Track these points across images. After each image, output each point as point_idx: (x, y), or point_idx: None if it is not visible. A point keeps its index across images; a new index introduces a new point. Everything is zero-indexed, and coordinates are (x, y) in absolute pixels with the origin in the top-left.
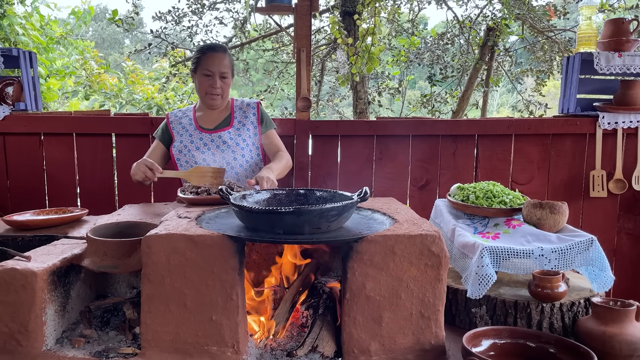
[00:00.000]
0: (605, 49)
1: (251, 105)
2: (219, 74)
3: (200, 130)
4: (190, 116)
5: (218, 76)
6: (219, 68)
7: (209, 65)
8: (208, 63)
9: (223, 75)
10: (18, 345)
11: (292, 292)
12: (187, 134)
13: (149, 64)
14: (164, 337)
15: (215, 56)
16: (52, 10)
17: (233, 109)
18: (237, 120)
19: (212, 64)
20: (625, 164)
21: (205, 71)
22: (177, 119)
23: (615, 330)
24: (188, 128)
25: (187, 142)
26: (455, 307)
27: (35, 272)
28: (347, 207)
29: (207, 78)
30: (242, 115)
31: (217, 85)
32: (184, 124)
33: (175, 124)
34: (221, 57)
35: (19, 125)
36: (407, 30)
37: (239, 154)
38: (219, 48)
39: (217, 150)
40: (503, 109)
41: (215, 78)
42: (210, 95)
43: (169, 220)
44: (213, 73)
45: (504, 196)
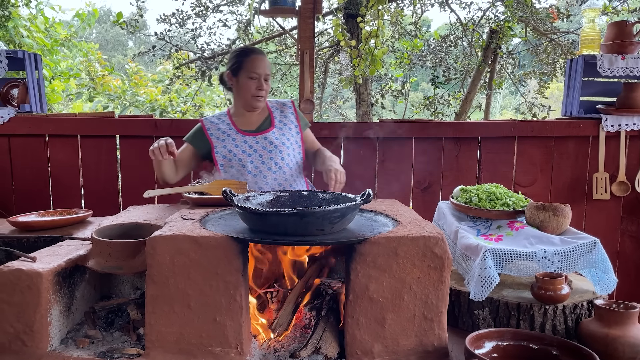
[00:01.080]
0: (609, 51)
1: (287, 105)
2: (264, 76)
3: (242, 133)
4: (227, 121)
5: (263, 78)
6: (264, 70)
7: (256, 68)
8: (254, 66)
9: (266, 78)
10: (23, 346)
11: (295, 294)
12: (229, 139)
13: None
14: (168, 337)
15: (260, 59)
16: (56, 13)
17: (270, 110)
18: (277, 120)
19: (259, 66)
20: (629, 167)
21: (251, 74)
22: (214, 124)
23: (618, 332)
24: (229, 133)
25: (232, 146)
26: (458, 309)
27: (40, 272)
28: (350, 208)
29: (253, 81)
30: (282, 115)
31: (263, 87)
32: (223, 129)
33: (213, 130)
34: (264, 60)
35: (24, 127)
36: (410, 33)
37: (285, 153)
38: (260, 51)
39: (264, 151)
40: (506, 111)
41: (262, 80)
42: (256, 97)
43: (173, 222)
44: (259, 75)
45: (507, 198)
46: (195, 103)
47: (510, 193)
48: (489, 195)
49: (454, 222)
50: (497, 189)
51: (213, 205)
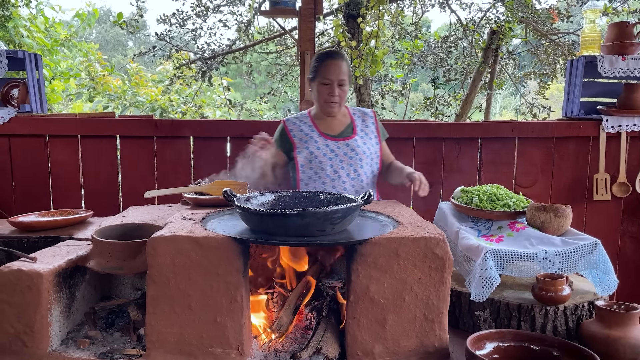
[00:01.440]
0: (609, 52)
1: (369, 115)
2: (337, 81)
3: (325, 137)
4: (308, 123)
5: (336, 84)
6: (337, 76)
7: (328, 74)
8: (327, 71)
9: (341, 83)
10: (24, 346)
11: (296, 294)
12: (312, 141)
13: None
14: (169, 338)
15: (334, 64)
16: (56, 13)
17: (352, 117)
18: (359, 129)
19: (331, 72)
20: (629, 167)
21: (324, 80)
22: (296, 125)
23: (619, 333)
24: (312, 135)
25: (314, 148)
26: (459, 309)
27: (41, 273)
28: (351, 209)
29: (326, 86)
30: (363, 124)
31: (335, 93)
32: (305, 130)
33: (296, 131)
34: (339, 65)
35: (24, 127)
36: (411, 33)
37: (364, 161)
38: (337, 55)
39: (345, 157)
40: (506, 112)
41: (334, 86)
42: (328, 103)
43: (174, 222)
44: (332, 81)
45: (508, 199)
46: (195, 104)
47: (510, 194)
48: (490, 196)
49: (454, 223)
50: (497, 189)
51: (214, 205)
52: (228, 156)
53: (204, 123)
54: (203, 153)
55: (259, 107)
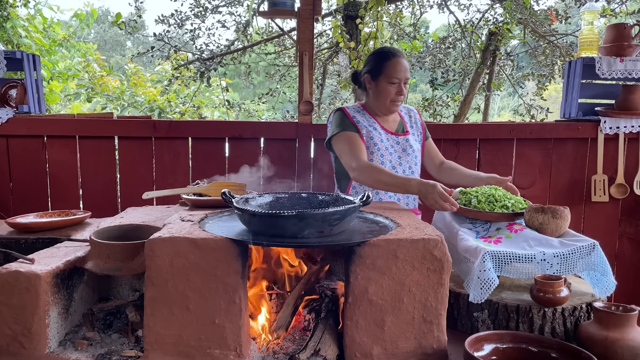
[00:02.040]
0: (607, 53)
1: (414, 111)
2: (404, 80)
3: (386, 130)
4: (367, 115)
5: (403, 83)
6: (404, 74)
7: (397, 73)
8: (396, 70)
9: (406, 81)
10: (21, 348)
11: (294, 296)
12: (376, 132)
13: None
14: (167, 340)
15: (400, 62)
16: (54, 13)
17: (401, 114)
18: (409, 126)
19: (400, 70)
20: (627, 169)
21: (392, 79)
22: (358, 114)
23: (617, 335)
24: (375, 127)
25: (378, 140)
26: (457, 311)
27: (38, 274)
28: (349, 211)
29: (394, 86)
30: (412, 121)
31: (403, 92)
32: (369, 121)
33: (359, 118)
34: (405, 63)
35: (22, 127)
36: (409, 34)
37: (417, 159)
38: (400, 54)
39: (404, 153)
40: (504, 113)
41: (401, 85)
42: (394, 102)
43: (172, 224)
44: (400, 80)
45: (506, 200)
46: (194, 104)
47: (509, 195)
48: (488, 198)
49: (453, 225)
50: (496, 191)
51: (212, 206)
52: (226, 157)
53: (203, 124)
54: (201, 154)
55: (258, 108)
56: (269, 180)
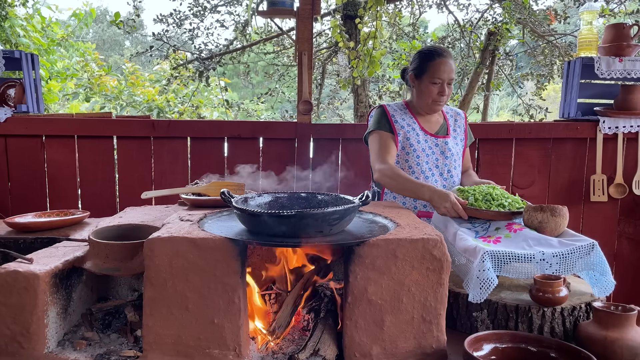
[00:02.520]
0: (606, 53)
1: (461, 115)
2: (448, 80)
3: (425, 132)
4: (409, 114)
5: (446, 83)
6: (448, 75)
7: (440, 73)
8: (439, 70)
9: (450, 82)
10: (20, 348)
11: (293, 296)
12: (413, 133)
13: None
14: (166, 340)
15: (445, 62)
16: (53, 12)
17: (445, 116)
18: (452, 129)
19: (443, 70)
20: (626, 169)
21: (435, 79)
22: (397, 113)
23: (617, 335)
24: (413, 126)
25: (414, 141)
26: (457, 311)
27: (37, 274)
28: (348, 210)
29: (436, 86)
30: (455, 124)
31: (445, 93)
32: (407, 121)
33: (398, 117)
34: (450, 64)
35: (21, 127)
36: (408, 34)
37: (457, 163)
38: (447, 53)
39: (442, 156)
40: (503, 113)
41: (444, 85)
42: (437, 102)
43: (171, 223)
44: (443, 80)
45: (503, 199)
46: (192, 104)
47: (506, 194)
48: (485, 196)
49: (452, 224)
50: (493, 189)
51: (211, 206)
52: (225, 157)
53: (201, 123)
54: (200, 153)
55: (257, 108)
56: (268, 179)
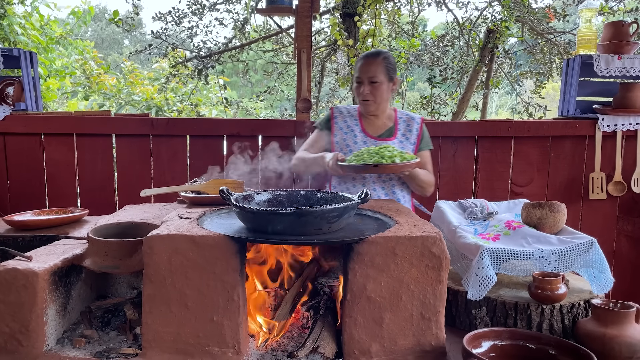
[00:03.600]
0: (605, 51)
1: (415, 120)
2: (368, 79)
3: (365, 133)
4: (355, 116)
5: (367, 82)
6: (366, 74)
7: (359, 72)
8: (358, 70)
9: (372, 81)
10: (19, 345)
11: (292, 293)
12: (351, 134)
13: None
14: (165, 337)
15: (366, 62)
16: (52, 10)
17: (397, 120)
18: (400, 133)
19: (361, 70)
20: (625, 167)
21: (356, 79)
22: (342, 115)
23: (615, 332)
24: (354, 129)
25: (351, 142)
26: (456, 308)
27: (36, 272)
28: (347, 208)
29: (359, 85)
30: (406, 129)
31: (365, 91)
32: (349, 123)
33: (340, 120)
34: (371, 63)
35: (19, 125)
36: (407, 32)
37: None
38: (372, 54)
39: None
40: (502, 111)
41: (365, 84)
42: (362, 101)
43: (170, 221)
44: (362, 79)
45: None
46: (191, 102)
47: (397, 152)
48: (372, 154)
49: (451, 222)
50: (385, 148)
51: (210, 204)
52: (224, 155)
53: (200, 122)
54: (199, 152)
55: (256, 106)
56: (267, 177)
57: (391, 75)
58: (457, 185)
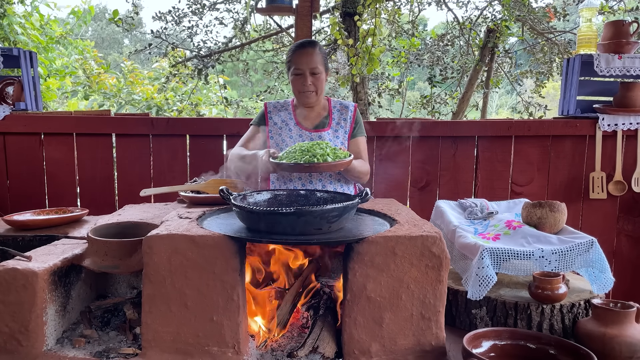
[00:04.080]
0: (605, 50)
1: (349, 108)
2: (309, 70)
3: (300, 126)
4: (289, 110)
5: (308, 73)
6: (308, 65)
7: (298, 64)
8: (297, 61)
9: (313, 72)
10: (19, 345)
11: (292, 293)
12: (286, 129)
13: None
14: (165, 337)
15: (303, 53)
16: (52, 10)
17: (331, 110)
18: (335, 122)
19: (301, 61)
20: (625, 166)
21: (295, 70)
22: (276, 109)
23: (615, 331)
24: (288, 123)
25: (286, 136)
26: (456, 308)
27: (36, 272)
28: (347, 208)
29: (299, 77)
30: (340, 117)
31: (307, 82)
32: (283, 117)
33: (274, 114)
34: (310, 53)
35: (19, 125)
36: (407, 32)
37: None
38: (308, 44)
39: None
40: (502, 110)
41: (306, 75)
42: (303, 93)
43: (170, 221)
44: (303, 71)
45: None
46: (191, 101)
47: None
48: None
49: (451, 221)
50: (318, 145)
51: (210, 204)
52: (224, 154)
53: (200, 121)
54: (199, 151)
55: (256, 105)
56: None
57: (327, 65)
58: (457, 184)
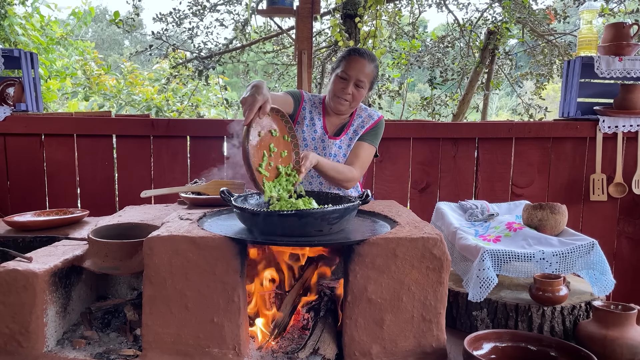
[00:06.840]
0: (606, 53)
1: (373, 117)
2: (355, 79)
3: (325, 131)
4: (320, 110)
5: (353, 82)
6: (356, 74)
7: (348, 69)
8: (348, 66)
9: (358, 84)
10: (19, 346)
11: (293, 295)
12: (312, 129)
13: (148, 65)
14: (165, 338)
15: (358, 60)
16: (52, 11)
17: (353, 118)
18: (352, 130)
19: (352, 67)
20: (626, 168)
21: (342, 73)
22: (310, 102)
23: (616, 333)
24: (316, 123)
25: (309, 137)
26: (457, 310)
27: (36, 273)
28: (348, 209)
29: (343, 81)
30: (359, 125)
31: (348, 90)
32: (314, 116)
33: (308, 106)
34: (363, 64)
35: (20, 126)
36: (408, 33)
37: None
38: (367, 55)
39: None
40: (502, 112)
41: (350, 83)
42: (338, 98)
43: (171, 222)
44: (349, 77)
45: None
46: (192, 103)
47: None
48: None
49: (452, 223)
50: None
51: (211, 205)
52: (225, 155)
53: (201, 122)
54: (200, 152)
55: None
56: None
57: (373, 84)
58: (458, 186)
